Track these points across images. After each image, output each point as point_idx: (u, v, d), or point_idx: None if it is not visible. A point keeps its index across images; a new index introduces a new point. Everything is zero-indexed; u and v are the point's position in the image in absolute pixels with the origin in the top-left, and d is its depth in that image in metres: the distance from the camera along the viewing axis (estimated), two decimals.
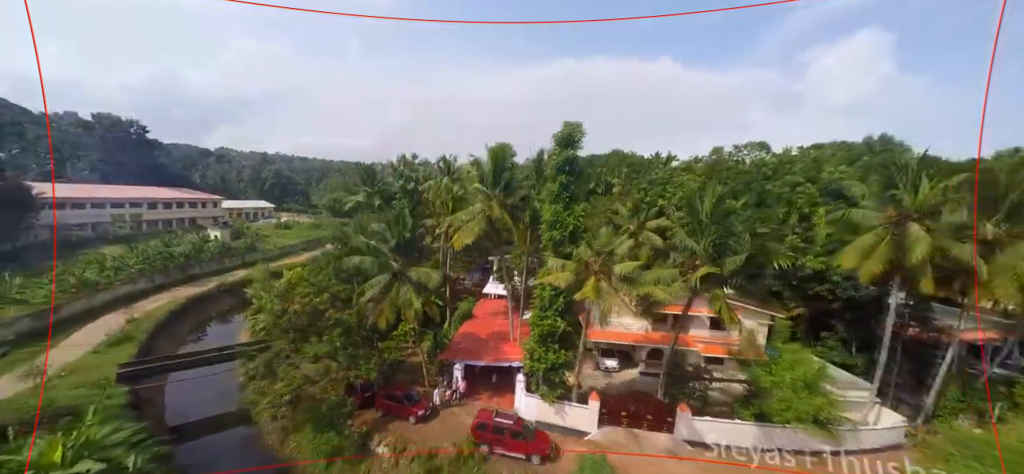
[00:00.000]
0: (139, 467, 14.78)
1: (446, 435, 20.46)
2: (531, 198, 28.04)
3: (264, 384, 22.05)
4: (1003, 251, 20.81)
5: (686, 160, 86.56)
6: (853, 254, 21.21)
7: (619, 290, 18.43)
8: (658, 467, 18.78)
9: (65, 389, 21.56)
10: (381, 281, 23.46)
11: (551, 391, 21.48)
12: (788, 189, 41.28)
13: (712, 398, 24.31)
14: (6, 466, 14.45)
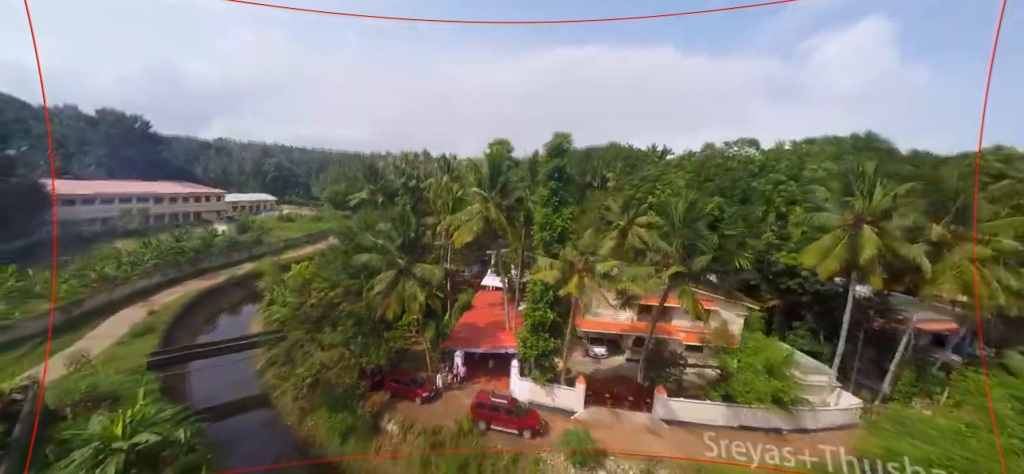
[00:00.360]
0: (187, 440, 17.41)
1: (448, 414, 23.13)
2: (525, 199, 30.37)
3: (285, 369, 24.60)
4: (950, 250, 23.31)
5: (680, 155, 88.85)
6: (814, 253, 23.70)
7: (600, 286, 20.93)
8: (634, 441, 21.46)
9: (105, 375, 24.10)
10: (388, 277, 25.93)
11: (542, 375, 24.12)
12: (771, 187, 43.64)
13: (688, 381, 26.96)
14: (75, 439, 17.07)
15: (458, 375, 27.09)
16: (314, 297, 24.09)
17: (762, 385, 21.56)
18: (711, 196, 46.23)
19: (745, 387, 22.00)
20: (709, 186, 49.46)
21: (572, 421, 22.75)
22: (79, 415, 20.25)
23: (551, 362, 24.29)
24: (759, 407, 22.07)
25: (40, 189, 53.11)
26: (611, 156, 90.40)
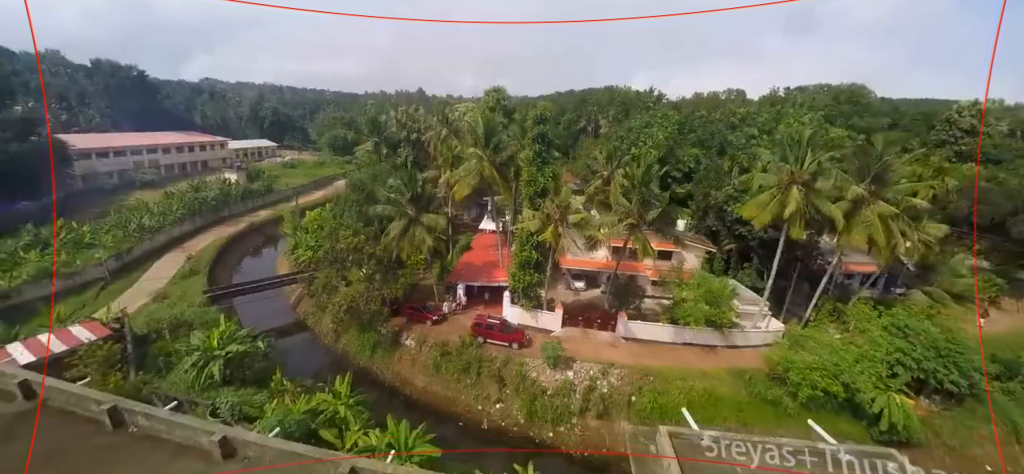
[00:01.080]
0: (264, 349, 23.93)
1: (453, 332, 29.75)
2: (515, 156, 35.14)
3: (323, 300, 30.90)
4: (867, 207, 28.61)
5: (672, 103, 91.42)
6: (752, 206, 29.11)
7: (571, 233, 26.57)
8: (597, 351, 28.17)
9: (180, 308, 30.48)
10: (400, 225, 31.58)
11: (528, 303, 30.50)
12: (744, 140, 48.04)
13: (648, 309, 33.46)
14: (182, 350, 23.53)
15: (460, 303, 33.63)
16: (343, 242, 29.77)
17: (699, 311, 27.92)
18: (693, 146, 50.90)
19: (686, 312, 28.38)
20: (691, 137, 53.73)
21: (550, 337, 29.41)
22: (172, 335, 26.70)
23: (535, 292, 30.57)
24: (697, 328, 28.58)
25: (63, 146, 57.09)
26: (606, 101, 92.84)
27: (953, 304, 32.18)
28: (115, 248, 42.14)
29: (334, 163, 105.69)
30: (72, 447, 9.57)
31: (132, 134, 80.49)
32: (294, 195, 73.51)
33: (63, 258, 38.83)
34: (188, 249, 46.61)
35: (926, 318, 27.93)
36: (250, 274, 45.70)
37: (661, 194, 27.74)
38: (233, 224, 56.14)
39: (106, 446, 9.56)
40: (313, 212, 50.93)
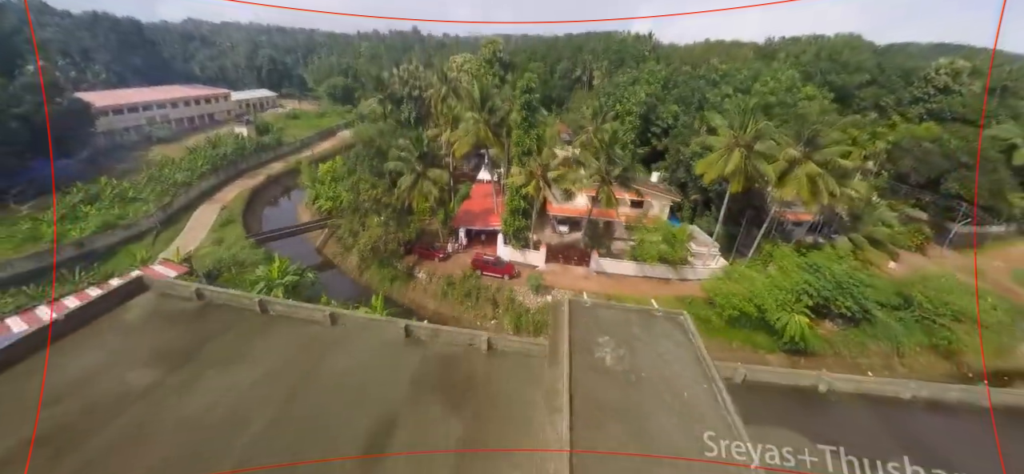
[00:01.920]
0: (313, 279, 31.27)
1: (456, 268, 37.17)
2: (507, 117, 40.83)
3: (350, 241, 38.02)
4: (799, 167, 34.74)
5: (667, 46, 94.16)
6: (704, 164, 35.38)
7: (550, 185, 33.11)
8: (573, 282, 35.62)
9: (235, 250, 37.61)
10: (410, 179, 37.99)
11: (518, 243, 37.65)
12: (720, 99, 53.00)
13: (619, 248, 40.64)
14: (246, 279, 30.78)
15: (461, 244, 40.89)
16: (364, 194, 36.35)
17: (654, 250, 35.06)
18: (673, 103, 55.96)
19: (643, 250, 35.54)
20: (674, 92, 58.53)
21: (535, 270, 36.81)
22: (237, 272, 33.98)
23: (523, 234, 37.63)
24: (653, 264, 35.84)
25: (86, 105, 61.83)
26: (601, 50, 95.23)
27: (871, 249, 39.27)
28: (157, 201, 48.73)
29: (335, 113, 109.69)
30: (240, 323, 16.77)
31: (142, 89, 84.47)
32: (302, 147, 79.05)
33: (117, 211, 45.60)
34: (218, 200, 53.24)
35: (839, 259, 34.97)
36: (274, 222, 52.62)
37: (623, 154, 33.97)
38: (252, 177, 62.29)
39: (261, 322, 16.75)
40: (326, 165, 57.15)
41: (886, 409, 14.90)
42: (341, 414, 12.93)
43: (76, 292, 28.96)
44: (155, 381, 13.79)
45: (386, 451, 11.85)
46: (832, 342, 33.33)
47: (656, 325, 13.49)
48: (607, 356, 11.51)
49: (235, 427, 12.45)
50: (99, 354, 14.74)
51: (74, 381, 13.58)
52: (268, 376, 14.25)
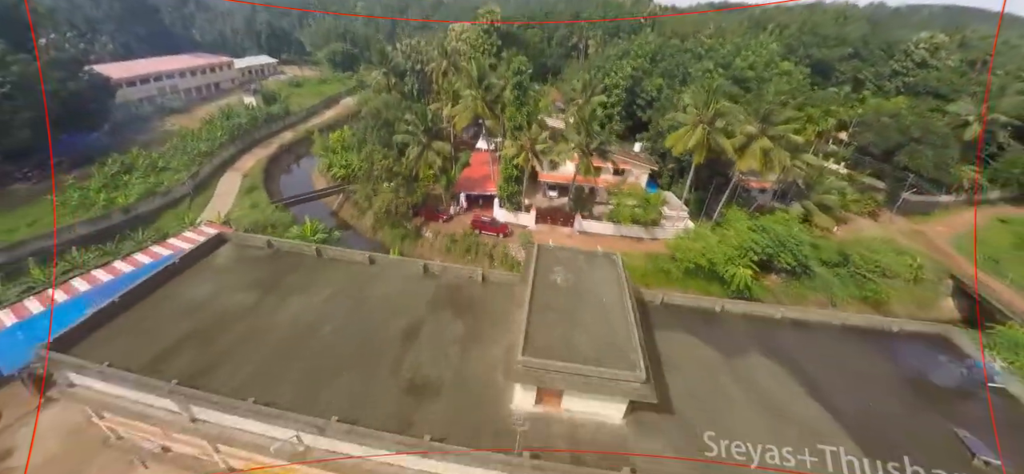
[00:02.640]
0: (337, 237, 37.58)
1: (458, 227, 43.49)
2: (502, 95, 45.98)
3: (364, 205, 44.14)
4: (755, 141, 40.26)
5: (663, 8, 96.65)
6: (672, 138, 40.95)
7: (538, 157, 38.89)
8: (558, 239, 41.96)
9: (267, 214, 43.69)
10: (416, 150, 43.66)
11: (511, 206, 43.77)
12: (701, 73, 57.63)
13: (600, 211, 46.73)
14: (283, 234, 37.09)
15: (462, 207, 47.10)
16: (377, 164, 42.12)
17: (628, 213, 41.23)
18: (659, 76, 60.58)
19: (618, 214, 41.71)
20: (662, 65, 62.98)
21: (526, 230, 43.13)
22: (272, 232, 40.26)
23: (516, 199, 43.69)
24: (628, 224, 42.08)
25: (106, 79, 66.19)
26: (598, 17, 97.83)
27: (819, 214, 45.38)
28: (186, 170, 54.35)
29: (336, 79, 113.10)
30: (302, 264, 23.16)
31: (152, 60, 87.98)
32: (308, 116, 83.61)
33: (153, 180, 51.36)
34: (239, 169, 58.84)
35: (787, 223, 40.91)
36: (290, 188, 58.42)
37: (601, 131, 39.49)
38: (265, 147, 67.44)
39: (318, 263, 23.16)
40: (335, 134, 62.40)
41: (760, 324, 21.51)
42: (384, 320, 19.54)
43: (141, 249, 35.26)
44: (254, 302, 20.37)
45: (416, 340, 18.50)
46: (775, 292, 39.99)
47: (597, 261, 19.87)
48: (558, 279, 17.92)
49: (313, 330, 19.07)
50: (210, 285, 21.26)
51: (201, 301, 20.16)
52: (330, 298, 20.80)
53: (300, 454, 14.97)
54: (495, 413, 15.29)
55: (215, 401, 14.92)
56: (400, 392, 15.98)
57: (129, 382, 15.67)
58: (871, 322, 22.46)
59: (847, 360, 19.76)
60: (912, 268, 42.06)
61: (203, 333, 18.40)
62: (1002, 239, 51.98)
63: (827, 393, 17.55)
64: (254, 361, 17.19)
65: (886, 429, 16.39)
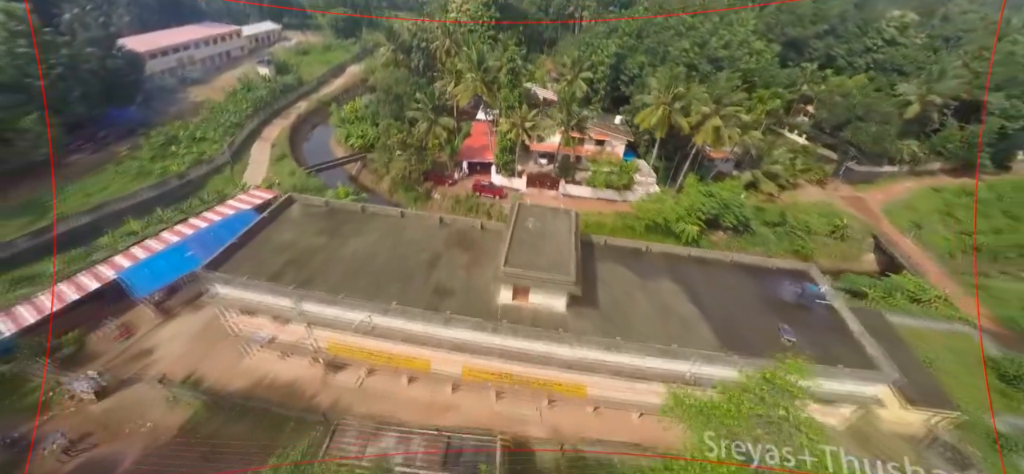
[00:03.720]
0: (365, 199, 47.50)
1: (461, 190, 53.47)
2: (498, 76, 54.54)
3: (382, 171, 53.80)
4: (709, 119, 49.21)
5: None
6: (640, 116, 50.00)
7: (528, 132, 48.22)
8: (545, 200, 51.88)
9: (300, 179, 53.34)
10: (425, 124, 52.84)
11: (506, 172, 53.47)
12: (679, 52, 65.54)
13: (582, 177, 56.32)
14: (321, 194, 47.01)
15: (464, 173, 56.86)
16: (392, 137, 51.38)
17: (602, 178, 50.90)
18: (642, 54, 68.59)
19: (594, 177, 51.40)
20: (645, 43, 70.80)
21: (518, 192, 52.98)
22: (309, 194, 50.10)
23: (511, 166, 53.29)
24: (602, 188, 51.85)
25: (138, 54, 74.01)
26: None
27: (765, 181, 54.88)
28: (222, 141, 63.45)
29: (340, 46, 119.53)
30: (353, 218, 33.19)
31: (170, 32, 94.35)
32: (319, 86, 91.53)
33: (196, 150, 60.60)
34: (266, 139, 67.94)
35: (733, 190, 50.35)
36: (311, 156, 67.55)
37: (587, 104, 48.61)
38: (285, 118, 76.04)
39: (363, 217, 33.22)
40: (349, 105, 71.13)
41: (673, 260, 31.73)
42: (414, 254, 29.80)
43: (209, 208, 45.27)
44: (324, 242, 30.59)
45: (437, 266, 28.80)
46: (720, 245, 50.07)
47: (559, 214, 29.92)
48: (530, 225, 27.97)
49: (369, 260, 29.33)
50: (292, 232, 31.43)
51: (289, 242, 30.37)
52: (375, 240, 30.99)
53: (370, 329, 25.52)
54: (487, 305, 25.74)
55: (318, 297, 25.33)
56: (429, 294, 26.40)
57: (262, 288, 26.03)
58: (754, 260, 32.74)
59: (726, 284, 30.09)
60: (839, 228, 52.07)
61: (296, 261, 28.66)
62: (931, 205, 61.90)
63: (704, 302, 27.93)
64: (333, 278, 27.50)
65: (735, 323, 26.83)
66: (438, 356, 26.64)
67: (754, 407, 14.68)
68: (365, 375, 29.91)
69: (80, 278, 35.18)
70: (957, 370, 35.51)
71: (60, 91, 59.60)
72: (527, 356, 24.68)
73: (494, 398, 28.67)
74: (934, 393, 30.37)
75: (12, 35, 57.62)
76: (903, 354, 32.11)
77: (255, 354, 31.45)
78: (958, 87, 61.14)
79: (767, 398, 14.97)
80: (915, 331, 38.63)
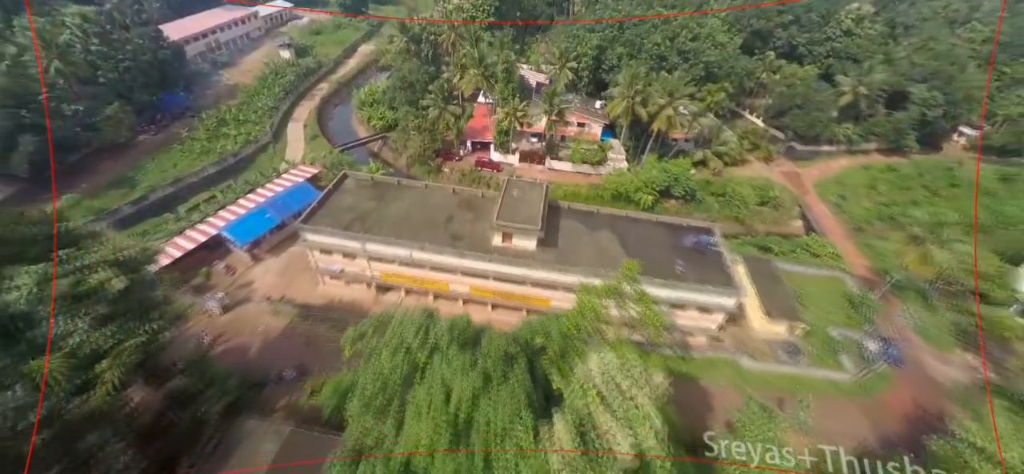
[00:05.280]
0: (392, 172, 63.10)
1: (466, 165, 68.97)
2: (495, 67, 69.00)
3: (401, 149, 69.13)
4: (664, 109, 63.90)
5: None
6: (610, 106, 64.81)
7: (519, 120, 63.28)
8: (535, 174, 67.37)
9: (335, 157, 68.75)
10: (436, 111, 67.81)
11: (503, 150, 68.79)
12: (652, 45, 79.32)
13: (564, 154, 71.51)
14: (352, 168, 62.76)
15: (468, 150, 72.14)
16: (410, 123, 66.40)
17: (579, 155, 66.24)
18: (621, 45, 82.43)
19: (573, 154, 66.77)
20: (626, 35, 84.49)
21: (512, 167, 68.44)
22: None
23: (507, 145, 68.55)
24: (579, 164, 67.25)
25: (181, 45, 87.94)
26: None
27: (714, 159, 69.94)
28: (262, 123, 78.32)
29: (349, 25, 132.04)
30: (392, 188, 48.81)
31: (197, 17, 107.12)
32: (335, 67, 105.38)
33: (244, 131, 75.65)
34: (298, 120, 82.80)
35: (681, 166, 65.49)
36: (336, 135, 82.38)
37: (558, 102, 63.45)
38: (310, 100, 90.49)
39: (399, 188, 48.85)
40: (367, 88, 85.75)
41: (613, 219, 47.57)
42: (436, 213, 45.81)
43: (270, 181, 60.89)
44: (374, 205, 46.62)
45: (452, 220, 44.79)
46: (671, 211, 65.65)
47: (536, 186, 45.64)
48: (515, 193, 43.72)
49: (406, 216, 45.44)
50: (351, 197, 47.39)
51: (349, 205, 46.42)
52: (409, 203, 46.93)
53: (410, 261, 41.69)
54: (485, 245, 41.79)
55: (377, 239, 41.37)
56: (447, 238, 42.46)
57: (339, 235, 42.05)
58: (672, 219, 48.59)
59: (648, 235, 45.96)
60: (770, 199, 67.45)
61: (358, 218, 44.56)
62: (859, 180, 77.02)
63: (629, 246, 43.82)
64: (384, 228, 43.48)
65: (646, 258, 42.71)
66: (453, 279, 42.97)
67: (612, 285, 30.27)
68: (404, 295, 46.36)
69: (190, 233, 51.32)
70: (824, 301, 51.63)
71: (127, 82, 74.60)
72: (511, 278, 40.92)
73: (491, 309, 45.17)
74: (791, 311, 46.59)
75: (87, 36, 72.25)
76: (779, 288, 48.47)
77: (327, 282, 47.89)
78: (885, 80, 75.19)
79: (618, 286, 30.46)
80: (804, 276, 54.67)
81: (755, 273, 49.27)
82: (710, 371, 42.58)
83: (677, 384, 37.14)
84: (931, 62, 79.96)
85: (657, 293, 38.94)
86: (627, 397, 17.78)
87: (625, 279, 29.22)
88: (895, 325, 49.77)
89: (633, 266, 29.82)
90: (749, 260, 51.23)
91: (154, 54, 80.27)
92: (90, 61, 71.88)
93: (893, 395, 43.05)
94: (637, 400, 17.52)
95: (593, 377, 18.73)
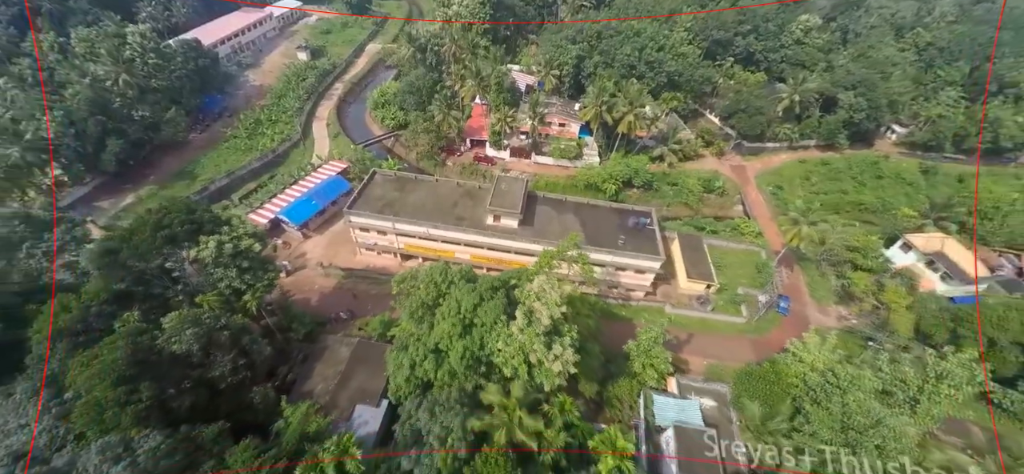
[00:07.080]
0: (406, 166, 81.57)
1: (466, 159, 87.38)
2: (490, 78, 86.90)
3: (412, 145, 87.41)
4: (627, 114, 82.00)
5: None
6: (582, 112, 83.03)
7: (510, 124, 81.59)
8: (522, 166, 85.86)
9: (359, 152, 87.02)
10: (441, 115, 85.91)
11: (497, 147, 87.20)
12: (625, 54, 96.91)
13: (547, 150, 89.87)
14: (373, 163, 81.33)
15: (468, 146, 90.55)
16: (421, 125, 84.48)
17: (557, 151, 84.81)
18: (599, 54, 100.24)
19: (554, 151, 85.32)
20: (601, 45, 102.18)
21: (504, 161, 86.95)
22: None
23: (500, 142, 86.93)
24: (558, 158, 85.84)
25: (216, 52, 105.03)
26: None
27: (669, 154, 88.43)
28: (291, 122, 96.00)
29: (355, 24, 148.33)
30: (412, 182, 67.26)
31: (218, 22, 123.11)
32: (346, 67, 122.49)
33: (278, 129, 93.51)
34: (320, 118, 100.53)
35: (639, 159, 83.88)
36: (353, 133, 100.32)
37: (540, 109, 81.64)
38: (328, 100, 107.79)
39: (416, 181, 67.25)
40: (378, 90, 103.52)
41: (577, 205, 66.35)
42: (445, 200, 64.63)
43: (306, 176, 79.15)
44: (398, 195, 65.50)
45: (457, 205, 63.59)
46: (634, 199, 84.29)
47: (519, 180, 64.42)
48: (503, 186, 62.43)
49: (423, 203, 64.36)
50: (380, 189, 66.22)
51: (380, 195, 65.30)
52: (424, 193, 65.78)
53: (427, 236, 60.58)
54: (481, 224, 60.58)
55: (403, 219, 60.18)
56: (454, 219, 61.26)
57: (376, 216, 60.80)
58: (620, 205, 67.45)
59: (601, 216, 64.83)
60: (714, 189, 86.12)
61: (387, 204, 63.24)
62: (796, 173, 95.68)
63: (586, 225, 62.62)
64: (407, 211, 62.24)
65: (597, 234, 61.55)
66: (458, 250, 61.93)
67: (562, 247, 48.90)
68: (421, 261, 65.37)
69: (252, 216, 69.81)
70: (739, 268, 70.70)
71: (177, 88, 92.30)
72: (500, 248, 59.86)
73: (486, 272, 64.20)
74: (707, 274, 65.63)
75: (145, 51, 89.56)
76: (701, 256, 67.53)
77: (364, 253, 66.82)
78: (817, 87, 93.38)
79: (564, 249, 49.13)
80: (728, 249, 73.76)
81: (685, 246, 68.32)
82: (643, 315, 61.81)
83: (615, 323, 57.15)
84: (862, 70, 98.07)
85: (604, 258, 58.13)
86: (548, 296, 36.86)
87: (570, 245, 48.17)
88: (791, 286, 69.05)
89: (574, 236, 48.91)
90: (683, 236, 70.26)
91: (196, 62, 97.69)
92: (147, 72, 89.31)
93: (776, 334, 62.25)
94: (552, 297, 36.56)
95: (533, 288, 37.71)
